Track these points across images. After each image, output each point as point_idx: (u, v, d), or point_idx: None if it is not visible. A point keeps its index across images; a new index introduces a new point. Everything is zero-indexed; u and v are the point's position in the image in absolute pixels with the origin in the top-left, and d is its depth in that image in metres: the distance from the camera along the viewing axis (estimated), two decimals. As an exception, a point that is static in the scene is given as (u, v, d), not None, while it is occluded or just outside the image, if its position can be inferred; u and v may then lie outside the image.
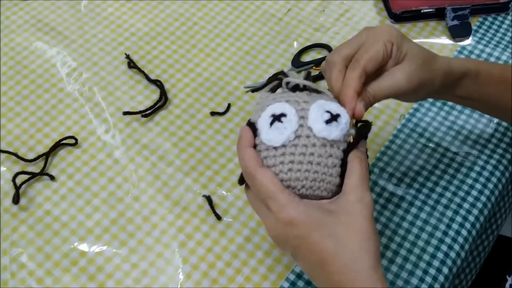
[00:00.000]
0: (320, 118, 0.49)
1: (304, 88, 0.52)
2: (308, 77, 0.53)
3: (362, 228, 0.47)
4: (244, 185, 0.52)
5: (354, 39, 0.55)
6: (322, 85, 0.79)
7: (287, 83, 0.52)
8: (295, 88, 0.52)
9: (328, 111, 0.49)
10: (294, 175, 0.49)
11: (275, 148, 0.49)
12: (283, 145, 0.49)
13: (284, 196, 0.47)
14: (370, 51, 0.52)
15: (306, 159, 0.49)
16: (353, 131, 0.51)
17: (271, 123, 0.49)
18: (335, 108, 0.50)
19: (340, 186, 0.50)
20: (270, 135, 0.49)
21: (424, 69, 0.55)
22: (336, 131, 0.49)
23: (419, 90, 0.55)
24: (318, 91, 0.53)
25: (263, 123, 0.50)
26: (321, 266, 0.46)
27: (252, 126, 0.51)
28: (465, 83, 0.59)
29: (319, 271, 0.47)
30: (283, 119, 0.49)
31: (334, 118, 0.49)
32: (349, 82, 0.51)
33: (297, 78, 0.53)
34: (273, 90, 0.54)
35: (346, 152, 0.50)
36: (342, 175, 0.50)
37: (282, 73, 0.54)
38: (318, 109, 0.49)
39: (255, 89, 0.55)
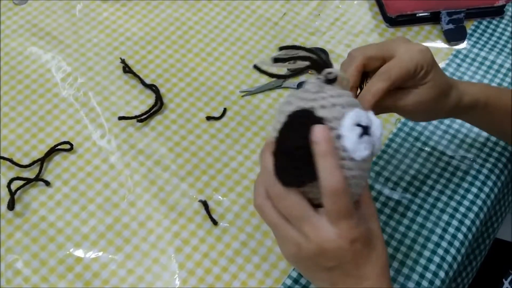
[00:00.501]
0: (379, 134, 0.47)
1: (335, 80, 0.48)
2: (327, 58, 0.49)
3: (385, 259, 0.49)
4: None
5: (385, 45, 0.54)
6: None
7: (326, 74, 0.47)
8: (331, 81, 0.47)
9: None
10: (355, 190, 0.46)
11: (352, 159, 0.45)
12: (363, 159, 0.45)
13: (355, 215, 0.46)
14: (403, 68, 0.52)
15: (364, 175, 0.47)
16: None
17: (361, 135, 0.44)
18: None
19: None
20: (357, 147, 0.44)
21: (437, 100, 0.55)
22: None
23: (424, 116, 0.57)
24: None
25: (351, 132, 0.44)
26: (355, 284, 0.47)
27: (320, 122, 0.44)
28: (473, 113, 0.60)
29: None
30: (370, 132, 0.45)
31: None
32: (376, 91, 0.51)
33: (327, 62, 0.48)
34: (296, 71, 0.48)
35: None
36: None
37: (312, 52, 0.47)
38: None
39: (278, 59, 0.48)
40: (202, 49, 0.83)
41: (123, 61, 0.80)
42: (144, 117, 0.74)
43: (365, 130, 0.45)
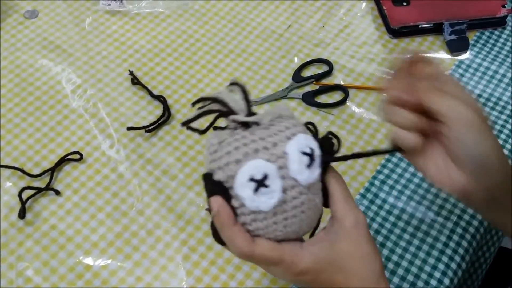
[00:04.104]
0: (302, 166, 0.45)
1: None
2: (246, 96, 0.47)
3: (364, 252, 0.48)
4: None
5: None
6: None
7: (233, 120, 0.47)
8: (245, 124, 0.47)
9: (304, 153, 0.46)
10: (290, 229, 0.47)
11: (261, 211, 0.45)
12: (274, 206, 0.45)
13: (289, 256, 0.47)
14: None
15: (299, 210, 0.46)
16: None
17: (256, 190, 0.44)
18: (306, 142, 0.46)
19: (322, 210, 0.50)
20: (256, 202, 0.45)
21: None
22: (316, 169, 0.47)
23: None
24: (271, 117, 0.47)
25: (243, 189, 0.44)
26: None
27: (219, 187, 0.45)
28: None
29: None
30: (267, 182, 0.44)
31: (312, 158, 0.46)
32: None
33: (236, 102, 0.47)
34: (210, 125, 0.49)
35: (322, 174, 0.48)
36: (324, 197, 0.49)
37: (213, 100, 0.47)
38: (294, 156, 0.45)
39: (187, 122, 0.48)
40: (208, 60, 0.84)
41: (131, 73, 0.82)
42: (152, 128, 0.75)
43: (260, 183, 0.44)
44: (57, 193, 0.70)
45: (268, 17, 0.90)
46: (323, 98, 0.80)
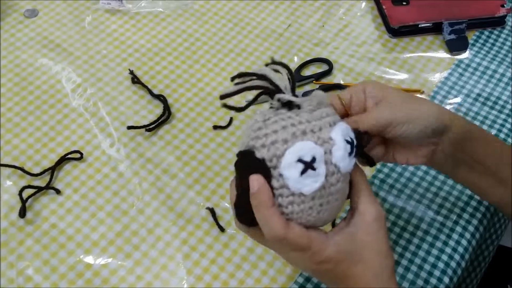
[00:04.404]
0: (346, 154, 0.46)
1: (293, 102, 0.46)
2: (292, 76, 0.47)
3: (382, 248, 0.49)
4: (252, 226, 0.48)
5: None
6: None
7: (279, 99, 0.46)
8: (288, 104, 0.46)
9: (347, 141, 0.46)
10: (323, 216, 0.47)
11: (301, 194, 0.45)
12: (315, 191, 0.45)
13: (316, 244, 0.47)
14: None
15: (333, 198, 0.47)
16: None
17: (303, 172, 0.44)
18: (347, 131, 0.47)
19: None
20: (301, 183, 0.44)
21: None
22: (353, 159, 0.48)
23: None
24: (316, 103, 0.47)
25: (290, 170, 0.44)
26: (346, 286, 0.49)
27: (261, 165, 0.44)
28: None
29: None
30: (315, 164, 0.44)
31: (353, 147, 0.47)
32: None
33: (283, 81, 0.47)
34: (253, 101, 0.48)
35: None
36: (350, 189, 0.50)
37: (261, 77, 0.46)
38: (340, 143, 0.45)
39: (226, 95, 0.46)
40: (208, 60, 0.84)
41: (131, 72, 0.82)
42: (152, 127, 0.75)
43: (309, 165, 0.44)
44: (58, 192, 0.70)
45: (267, 16, 0.90)
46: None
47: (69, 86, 0.81)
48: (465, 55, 0.85)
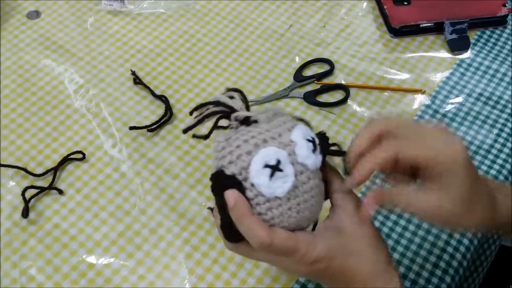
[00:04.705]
0: (309, 151, 0.47)
1: (250, 118, 0.49)
2: (244, 98, 0.50)
3: (371, 234, 0.49)
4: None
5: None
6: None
7: (236, 117, 0.49)
8: (246, 121, 0.49)
9: (308, 139, 0.48)
10: (303, 215, 0.48)
11: (279, 197, 0.46)
12: (287, 191, 0.47)
13: (303, 245, 0.47)
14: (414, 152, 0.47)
15: (309, 195, 0.48)
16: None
17: (271, 175, 0.45)
18: (308, 132, 0.49)
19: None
20: (272, 187, 0.46)
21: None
22: (319, 155, 0.49)
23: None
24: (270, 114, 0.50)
25: (259, 177, 0.45)
26: (345, 284, 0.49)
27: (232, 181, 0.46)
28: None
29: (342, 286, 0.49)
30: (281, 166, 0.46)
31: (315, 144, 0.48)
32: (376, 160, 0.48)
33: (236, 104, 0.50)
34: (213, 127, 0.51)
35: (323, 165, 0.50)
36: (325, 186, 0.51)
37: (215, 104, 0.50)
38: (301, 142, 0.47)
39: (188, 128, 0.50)
40: (210, 60, 0.85)
41: (133, 73, 0.82)
42: (154, 127, 0.76)
43: (275, 168, 0.45)
44: (60, 192, 0.70)
45: (269, 17, 0.90)
46: (324, 97, 0.80)
47: (71, 87, 0.81)
48: (467, 54, 0.85)
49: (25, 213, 0.68)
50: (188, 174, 0.72)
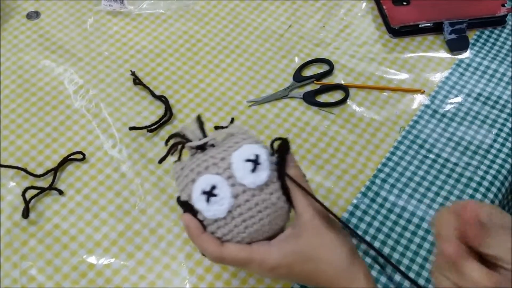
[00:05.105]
0: (245, 171, 0.51)
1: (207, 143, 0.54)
2: (201, 125, 0.55)
3: (327, 238, 0.51)
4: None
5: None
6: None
7: (191, 147, 0.54)
8: (201, 147, 0.54)
9: (247, 160, 0.51)
10: (252, 229, 0.52)
11: (223, 217, 0.51)
12: (229, 211, 0.51)
13: (257, 254, 0.51)
14: None
15: (255, 211, 0.51)
16: (273, 158, 0.53)
17: (207, 200, 0.51)
18: (250, 151, 0.52)
19: (290, 207, 0.54)
20: (211, 210, 0.51)
21: None
22: (264, 172, 0.52)
23: None
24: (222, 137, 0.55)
25: (199, 202, 0.51)
26: (312, 282, 0.53)
27: (187, 205, 0.52)
28: None
29: (314, 284, 0.53)
30: (215, 191, 0.51)
31: (256, 163, 0.51)
32: None
33: (194, 132, 0.55)
34: (179, 156, 0.56)
35: (281, 177, 0.52)
36: (288, 197, 0.53)
37: (178, 135, 0.55)
38: (238, 164, 0.51)
39: (162, 159, 0.57)
40: (210, 61, 0.85)
41: (133, 73, 0.82)
42: (154, 127, 0.76)
43: (209, 193, 0.50)
44: (60, 192, 0.70)
45: (268, 17, 0.90)
46: (324, 98, 0.81)
47: (71, 88, 0.81)
48: (466, 54, 0.85)
49: (26, 214, 0.68)
50: (188, 174, 0.72)
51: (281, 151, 0.53)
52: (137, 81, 0.81)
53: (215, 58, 0.85)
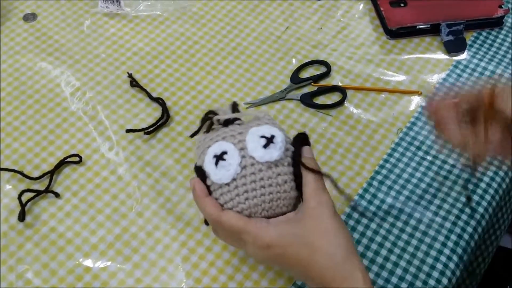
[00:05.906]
0: (258, 145, 0.53)
1: (235, 120, 0.56)
2: (234, 108, 0.58)
3: (328, 227, 0.51)
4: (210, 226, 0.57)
5: None
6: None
7: (218, 120, 0.57)
8: (227, 122, 0.56)
9: (262, 136, 0.53)
10: (252, 202, 0.53)
11: (227, 184, 0.53)
12: (234, 179, 0.53)
13: (253, 226, 0.52)
14: None
15: (258, 185, 0.53)
16: (290, 147, 0.55)
17: (216, 163, 0.53)
18: (268, 130, 0.54)
19: (298, 197, 0.55)
20: (218, 174, 0.53)
21: None
22: (276, 151, 0.53)
23: None
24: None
25: (209, 165, 0.53)
26: (304, 273, 0.52)
27: (200, 171, 0.54)
28: None
29: (303, 278, 0.54)
30: (225, 156, 0.53)
31: (270, 140, 0.53)
32: None
33: (226, 112, 0.57)
34: (207, 130, 0.57)
35: (295, 165, 0.54)
36: (299, 187, 0.54)
37: (212, 112, 0.58)
38: (253, 137, 0.53)
39: (194, 134, 0.59)
40: (207, 63, 0.85)
41: (130, 76, 0.82)
42: (151, 130, 0.76)
43: (219, 157, 0.53)
44: (57, 195, 0.70)
45: (266, 19, 0.90)
46: (321, 99, 0.80)
47: (68, 90, 0.81)
48: (463, 56, 0.85)
49: (22, 217, 0.68)
50: (185, 177, 0.72)
51: (300, 139, 0.55)
52: (134, 83, 0.81)
53: (212, 60, 0.85)
